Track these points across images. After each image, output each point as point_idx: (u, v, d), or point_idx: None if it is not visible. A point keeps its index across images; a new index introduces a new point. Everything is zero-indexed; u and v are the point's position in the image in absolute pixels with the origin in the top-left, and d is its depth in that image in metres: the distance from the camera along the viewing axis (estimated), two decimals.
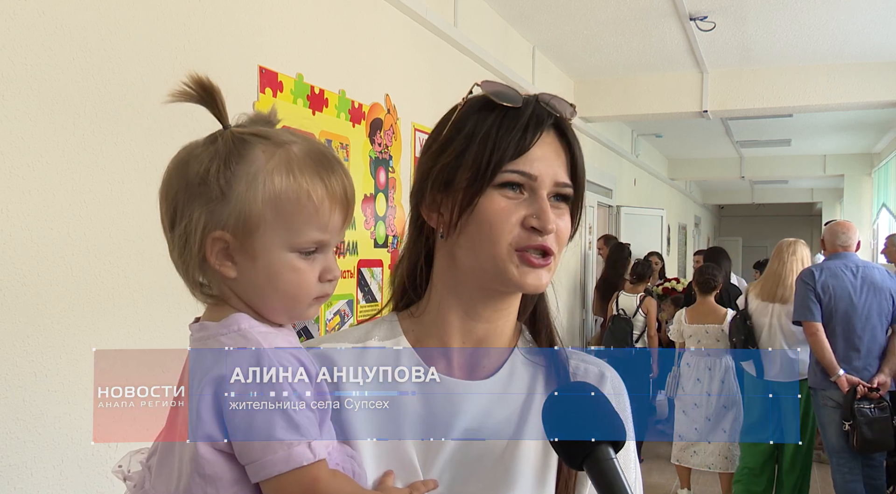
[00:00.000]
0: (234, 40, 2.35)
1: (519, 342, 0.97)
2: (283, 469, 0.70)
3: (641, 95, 5.96)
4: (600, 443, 0.78)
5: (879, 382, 3.78)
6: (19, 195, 1.69)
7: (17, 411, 1.70)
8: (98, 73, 1.88)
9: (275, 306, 0.78)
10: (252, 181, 0.74)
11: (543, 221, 0.85)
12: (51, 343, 1.77)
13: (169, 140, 2.12)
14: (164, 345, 2.37)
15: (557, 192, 0.88)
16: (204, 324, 0.78)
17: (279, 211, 0.75)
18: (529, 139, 0.86)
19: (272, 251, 0.76)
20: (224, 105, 0.77)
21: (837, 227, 4.05)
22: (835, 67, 5.47)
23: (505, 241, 0.86)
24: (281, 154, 0.76)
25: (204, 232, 0.75)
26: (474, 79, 0.93)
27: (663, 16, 4.54)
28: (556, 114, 0.90)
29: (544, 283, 0.88)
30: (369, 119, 3.11)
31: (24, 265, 1.71)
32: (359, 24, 3.07)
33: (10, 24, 1.67)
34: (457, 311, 0.92)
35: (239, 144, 0.75)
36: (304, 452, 0.70)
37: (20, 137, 1.69)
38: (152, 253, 2.05)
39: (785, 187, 13.85)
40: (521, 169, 0.86)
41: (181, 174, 0.77)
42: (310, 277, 0.78)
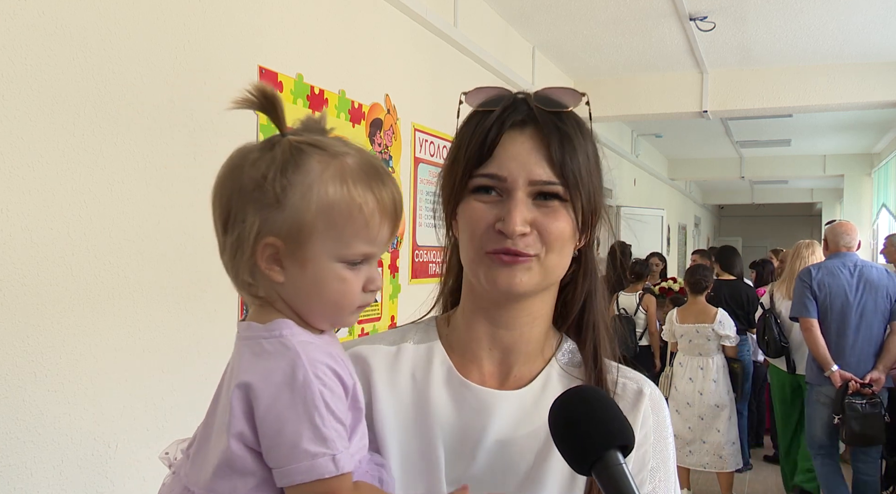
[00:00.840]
0: (234, 40, 2.35)
1: (557, 352, 0.94)
2: (304, 480, 0.72)
3: (641, 95, 5.96)
4: (608, 449, 0.76)
5: (872, 378, 3.85)
6: (19, 195, 1.69)
7: (17, 411, 1.70)
8: (98, 73, 1.88)
9: (319, 312, 0.80)
10: (307, 191, 0.75)
11: (507, 222, 0.82)
12: (51, 343, 1.77)
13: (169, 140, 2.12)
14: (164, 345, 2.38)
15: (539, 190, 0.84)
16: (251, 324, 0.79)
17: (330, 222, 0.76)
18: (491, 140, 0.85)
19: (321, 260, 0.77)
20: (284, 113, 0.79)
21: (840, 227, 4.13)
22: (835, 67, 5.47)
23: (476, 245, 0.85)
24: (336, 165, 0.77)
25: (257, 237, 0.76)
26: (474, 79, 0.94)
27: (663, 16, 4.54)
28: (533, 108, 0.86)
29: (519, 281, 0.84)
30: (369, 119, 3.11)
31: (24, 265, 1.71)
32: (359, 24, 3.07)
33: (10, 24, 1.67)
34: (481, 318, 0.92)
35: (296, 153, 0.76)
36: (328, 465, 0.72)
37: (20, 137, 1.69)
38: (152, 253, 2.05)
39: (785, 187, 13.85)
40: (488, 172, 0.84)
41: (235, 178, 0.77)
42: (355, 287, 0.79)
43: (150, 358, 2.05)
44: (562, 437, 0.79)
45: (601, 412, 0.78)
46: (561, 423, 0.79)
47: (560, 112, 0.87)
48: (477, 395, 0.88)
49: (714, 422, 4.81)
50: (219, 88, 2.28)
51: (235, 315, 2.37)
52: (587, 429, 0.77)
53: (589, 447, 0.76)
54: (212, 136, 2.25)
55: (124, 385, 1.97)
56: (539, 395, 0.90)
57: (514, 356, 0.92)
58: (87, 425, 1.87)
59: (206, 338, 2.25)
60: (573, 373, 0.93)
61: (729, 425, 4.83)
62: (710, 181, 13.39)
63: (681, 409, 4.88)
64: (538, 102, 0.87)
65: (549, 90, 0.88)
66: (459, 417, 0.87)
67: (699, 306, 4.95)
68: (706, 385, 4.83)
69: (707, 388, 4.82)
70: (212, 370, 2.26)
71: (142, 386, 2.02)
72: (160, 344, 2.08)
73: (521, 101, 0.88)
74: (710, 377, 4.84)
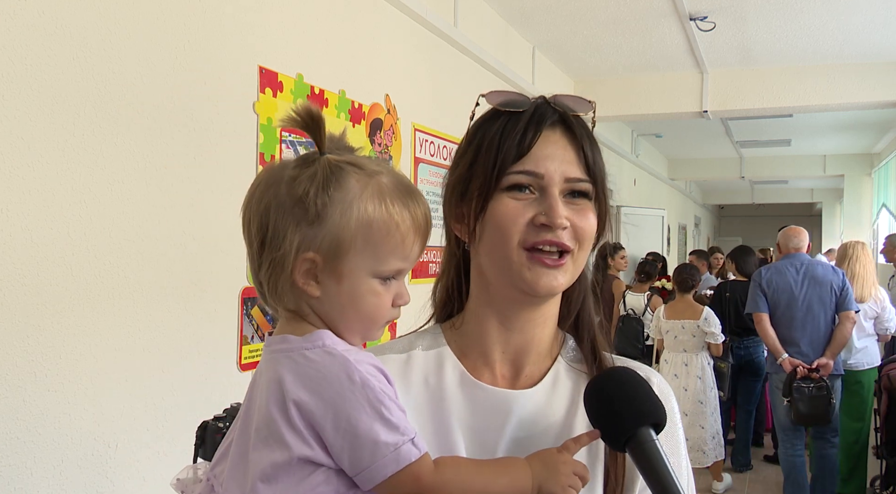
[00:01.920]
0: (234, 40, 2.35)
1: (562, 350, 0.96)
2: (395, 470, 0.74)
3: (641, 95, 5.96)
4: (642, 425, 0.79)
5: (819, 363, 4.27)
6: (19, 195, 1.69)
7: (17, 411, 1.70)
8: (98, 73, 1.88)
9: (353, 326, 0.82)
10: (347, 208, 0.78)
11: (552, 216, 0.84)
12: (51, 343, 1.77)
13: (169, 140, 2.13)
14: (164, 345, 2.37)
15: (572, 188, 0.87)
16: (286, 337, 0.80)
17: (369, 238, 0.79)
18: (530, 138, 0.87)
19: (357, 276, 0.80)
20: (325, 133, 0.81)
21: (790, 231, 4.69)
22: (835, 67, 5.47)
23: (514, 241, 0.86)
24: (374, 184, 0.80)
25: (297, 252, 0.78)
26: (474, 79, 0.94)
27: (663, 16, 4.54)
28: (559, 111, 0.89)
29: (559, 284, 0.87)
30: (369, 119, 3.11)
31: (24, 265, 1.71)
32: (359, 24, 3.07)
33: (10, 24, 1.67)
34: (493, 321, 0.92)
35: (336, 171, 0.78)
36: (410, 449, 0.74)
37: (20, 137, 1.69)
38: (152, 253, 2.05)
39: (785, 187, 13.85)
40: (526, 169, 0.86)
41: (274, 193, 0.79)
42: (387, 301, 0.82)
43: (150, 358, 2.05)
44: (597, 416, 0.83)
45: (633, 391, 0.83)
46: (595, 403, 0.83)
47: (580, 116, 0.90)
48: (492, 396, 0.90)
49: (697, 419, 4.94)
50: (219, 88, 2.28)
51: (236, 315, 2.37)
52: (620, 408, 0.81)
53: (622, 424, 0.80)
54: (212, 136, 2.25)
55: (124, 385, 1.97)
56: (550, 391, 0.92)
57: (525, 357, 0.93)
58: (87, 425, 1.87)
59: (206, 338, 2.25)
60: (580, 368, 0.95)
61: (711, 421, 4.99)
62: (710, 181, 13.40)
63: None
64: (558, 106, 0.90)
65: (564, 97, 0.91)
66: (476, 419, 0.89)
67: (686, 303, 5.10)
68: (690, 382, 4.96)
69: (692, 385, 4.96)
70: (212, 370, 2.26)
71: (142, 386, 2.02)
72: (160, 344, 2.08)
73: (544, 104, 0.90)
74: (694, 373, 4.97)
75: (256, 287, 0.84)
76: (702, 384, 4.96)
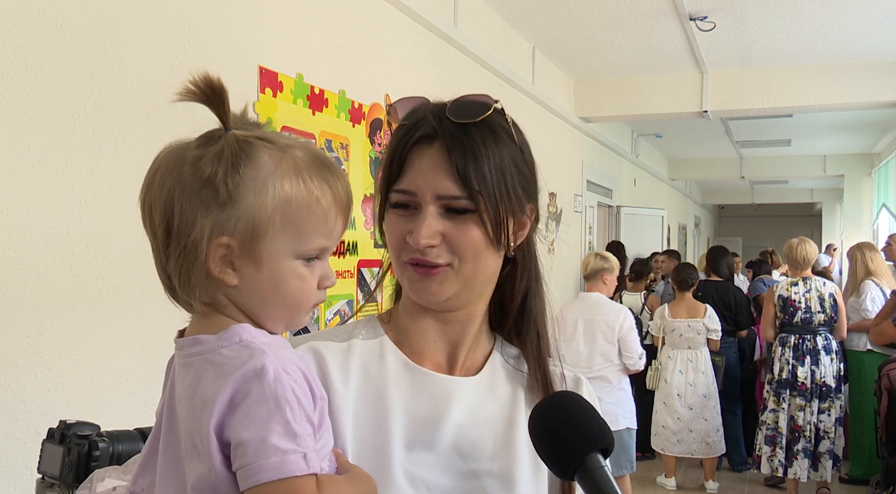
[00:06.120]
0: (234, 40, 2.36)
1: (496, 344, 0.99)
2: (273, 477, 0.67)
3: (641, 95, 5.96)
4: (589, 453, 0.77)
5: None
6: (19, 195, 1.69)
7: (17, 411, 1.70)
8: (98, 73, 1.88)
9: (276, 314, 0.76)
10: (262, 187, 0.72)
11: (414, 236, 0.86)
12: (51, 343, 1.77)
13: (169, 140, 2.12)
14: (164, 345, 2.36)
15: (447, 205, 0.86)
16: (197, 338, 0.74)
17: (288, 217, 0.73)
18: (399, 158, 0.88)
19: (278, 258, 0.74)
20: (229, 106, 0.75)
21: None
22: (835, 67, 5.47)
23: (399, 257, 0.90)
24: (288, 160, 0.74)
25: (209, 239, 0.71)
26: (474, 79, 0.94)
27: (663, 16, 4.54)
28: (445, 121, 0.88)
29: (435, 291, 0.88)
30: (369, 119, 3.11)
31: (25, 265, 1.71)
32: (359, 24, 3.07)
33: (10, 25, 1.67)
34: (424, 315, 0.94)
35: (245, 147, 0.72)
36: (298, 462, 0.68)
37: (20, 137, 1.69)
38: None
39: (785, 187, 13.84)
40: (400, 188, 0.88)
41: (177, 176, 0.73)
42: (312, 284, 0.77)
43: (150, 358, 2.05)
44: (543, 445, 0.80)
45: (579, 416, 0.80)
46: (542, 431, 0.80)
47: (468, 123, 0.88)
48: (436, 381, 0.91)
49: (702, 412, 5.16)
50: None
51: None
52: (567, 435, 0.78)
53: (570, 453, 0.77)
54: None
55: (124, 385, 1.97)
56: (490, 381, 0.94)
57: (459, 347, 0.95)
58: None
59: None
60: (516, 365, 0.97)
61: (714, 413, 5.19)
62: (710, 181, 13.39)
63: (668, 401, 5.22)
64: (451, 113, 0.89)
65: (462, 100, 0.91)
66: (419, 405, 0.89)
67: (689, 303, 5.27)
68: (696, 377, 5.16)
69: (698, 380, 5.16)
70: None
71: (142, 386, 2.02)
72: (160, 344, 2.08)
73: (431, 114, 0.90)
74: (699, 369, 5.18)
75: (164, 282, 0.77)
76: (705, 379, 5.17)
